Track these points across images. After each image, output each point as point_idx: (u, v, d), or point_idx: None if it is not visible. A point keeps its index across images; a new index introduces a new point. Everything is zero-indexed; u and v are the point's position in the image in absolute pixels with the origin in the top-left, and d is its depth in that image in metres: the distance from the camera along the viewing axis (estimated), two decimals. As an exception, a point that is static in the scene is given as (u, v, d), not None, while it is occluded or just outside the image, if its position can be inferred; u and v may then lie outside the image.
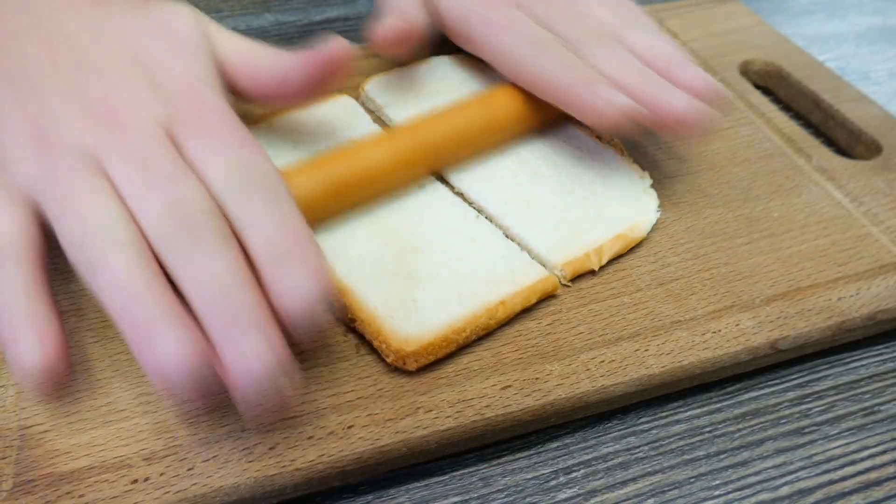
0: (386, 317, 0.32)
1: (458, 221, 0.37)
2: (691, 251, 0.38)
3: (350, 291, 0.33)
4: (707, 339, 0.34)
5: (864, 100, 0.49)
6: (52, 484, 0.28)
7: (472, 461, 0.32)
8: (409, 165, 0.38)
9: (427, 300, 0.33)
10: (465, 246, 0.36)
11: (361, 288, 0.34)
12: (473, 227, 0.37)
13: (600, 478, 0.31)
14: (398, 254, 0.35)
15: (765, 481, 0.32)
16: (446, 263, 0.35)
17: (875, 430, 0.34)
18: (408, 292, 0.34)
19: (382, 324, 0.32)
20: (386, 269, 0.35)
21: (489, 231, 0.37)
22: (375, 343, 0.32)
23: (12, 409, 0.30)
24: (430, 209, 0.38)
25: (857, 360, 0.37)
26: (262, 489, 0.28)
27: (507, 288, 0.34)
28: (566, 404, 0.31)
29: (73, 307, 0.34)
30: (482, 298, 0.33)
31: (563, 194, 0.39)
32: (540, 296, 0.35)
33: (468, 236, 0.37)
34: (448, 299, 0.33)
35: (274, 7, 0.62)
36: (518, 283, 0.34)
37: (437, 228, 0.37)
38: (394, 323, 0.32)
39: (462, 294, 0.34)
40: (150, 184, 0.28)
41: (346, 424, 0.30)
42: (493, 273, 0.35)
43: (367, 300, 0.33)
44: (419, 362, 0.32)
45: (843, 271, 0.37)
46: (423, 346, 0.31)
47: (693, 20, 0.57)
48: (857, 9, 0.67)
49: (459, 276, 0.34)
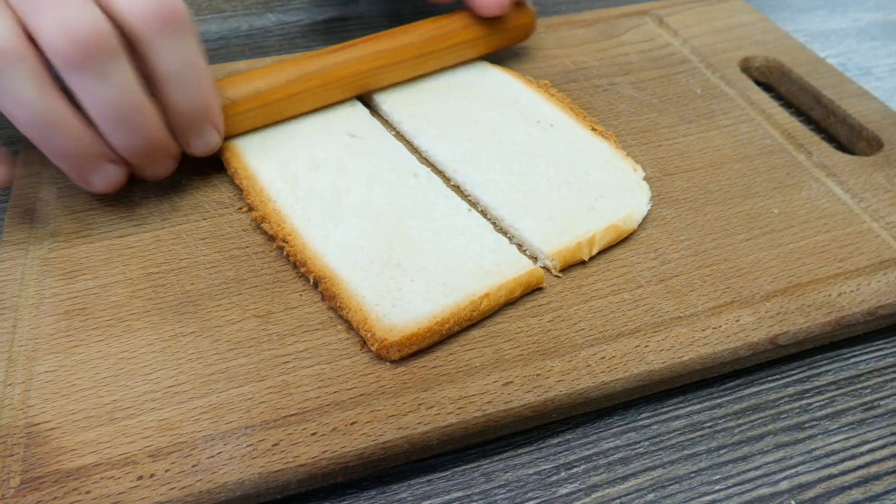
0: (372, 305, 0.33)
1: (451, 214, 0.38)
2: (691, 247, 0.38)
3: (339, 280, 0.34)
4: (707, 334, 0.34)
5: (865, 95, 0.49)
6: (58, 481, 0.28)
7: (473, 457, 0.32)
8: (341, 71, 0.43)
9: (414, 291, 0.34)
10: (455, 238, 0.37)
11: (351, 276, 0.34)
12: (465, 219, 0.38)
13: (601, 473, 0.32)
14: (389, 244, 0.36)
15: (765, 476, 0.32)
16: (436, 255, 0.36)
17: (875, 424, 0.34)
18: (395, 282, 0.34)
19: (369, 313, 0.33)
20: (376, 259, 0.35)
21: (480, 224, 0.38)
22: (361, 332, 0.33)
23: (19, 406, 0.30)
24: (424, 201, 0.39)
25: (856, 356, 0.37)
26: (266, 485, 0.29)
27: (492, 280, 0.34)
28: (567, 400, 0.32)
29: (78, 306, 0.34)
30: (467, 290, 0.34)
31: (558, 185, 0.40)
32: (524, 289, 0.35)
33: (459, 229, 0.37)
34: (434, 291, 0.34)
35: (276, 7, 0.62)
36: (504, 275, 0.35)
37: (429, 220, 0.37)
38: (380, 312, 0.33)
39: (448, 286, 0.34)
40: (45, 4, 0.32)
41: (349, 420, 0.30)
42: (480, 265, 0.35)
43: (356, 289, 0.34)
44: (402, 352, 0.32)
45: (843, 267, 0.38)
46: (407, 336, 0.32)
47: (694, 16, 0.57)
48: (858, 4, 0.67)
49: (447, 268, 0.35)
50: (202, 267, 0.36)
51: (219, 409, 0.30)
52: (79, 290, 0.35)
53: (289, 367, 0.32)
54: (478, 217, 0.38)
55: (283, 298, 0.35)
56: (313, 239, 0.36)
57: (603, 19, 0.57)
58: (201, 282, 0.36)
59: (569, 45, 0.54)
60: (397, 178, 0.40)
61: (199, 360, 0.32)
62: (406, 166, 0.41)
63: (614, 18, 0.57)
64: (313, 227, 0.37)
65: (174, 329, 0.34)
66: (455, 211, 0.38)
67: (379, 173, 0.40)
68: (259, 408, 0.31)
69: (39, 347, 0.33)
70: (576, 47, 0.53)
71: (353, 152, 0.41)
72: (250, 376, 0.32)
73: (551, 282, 0.36)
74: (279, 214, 0.37)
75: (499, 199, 0.39)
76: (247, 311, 0.34)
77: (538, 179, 0.40)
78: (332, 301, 0.34)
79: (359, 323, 0.33)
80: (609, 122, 0.47)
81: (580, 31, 0.55)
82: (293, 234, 0.36)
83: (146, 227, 0.38)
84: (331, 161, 0.41)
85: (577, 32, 0.55)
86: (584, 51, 0.53)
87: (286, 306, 0.35)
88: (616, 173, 0.41)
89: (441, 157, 0.42)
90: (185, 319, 0.34)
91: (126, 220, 0.39)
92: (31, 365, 0.32)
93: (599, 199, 0.39)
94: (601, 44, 0.54)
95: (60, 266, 0.36)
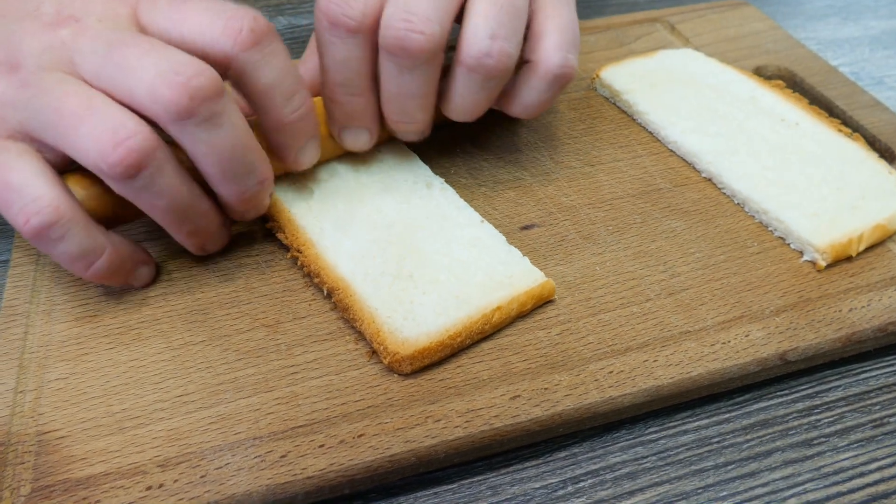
0: (385, 318, 0.33)
1: (463, 225, 0.38)
2: (701, 260, 0.38)
3: (351, 291, 0.34)
4: (716, 349, 0.34)
5: (877, 106, 0.49)
6: (68, 490, 0.28)
7: (480, 469, 0.32)
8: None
9: (425, 303, 0.34)
10: (466, 250, 0.36)
11: (363, 288, 0.34)
12: (477, 230, 0.38)
13: (608, 487, 0.32)
14: (401, 255, 0.36)
15: (773, 493, 0.32)
16: (447, 267, 0.36)
17: (884, 441, 0.34)
18: (407, 294, 0.34)
19: (381, 326, 0.33)
20: (387, 271, 0.35)
21: (492, 235, 0.37)
22: (374, 344, 0.33)
23: (30, 413, 0.31)
24: (436, 212, 0.38)
25: (866, 371, 0.36)
26: (274, 496, 0.29)
27: (503, 293, 0.34)
28: (574, 415, 0.32)
29: (89, 313, 0.35)
30: (479, 303, 0.34)
31: (817, 183, 0.41)
32: (536, 301, 0.35)
33: (470, 240, 0.37)
34: (446, 304, 0.34)
35: (287, 10, 0.62)
36: (516, 287, 0.35)
37: (441, 231, 0.37)
38: (392, 325, 0.33)
39: (460, 299, 0.34)
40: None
41: (357, 433, 0.30)
42: (492, 278, 0.35)
43: (368, 301, 0.34)
44: (414, 366, 0.32)
45: (854, 282, 0.37)
46: (420, 350, 0.32)
47: (706, 24, 0.57)
48: (872, 13, 0.66)
49: (459, 281, 0.35)
50: (212, 275, 0.37)
51: (227, 419, 0.31)
52: (89, 297, 0.35)
53: (297, 377, 0.32)
54: (490, 229, 0.38)
55: (292, 308, 0.35)
56: (326, 249, 0.36)
57: (614, 26, 0.56)
58: (211, 290, 0.36)
59: (581, 51, 0.53)
60: (410, 189, 0.40)
61: (209, 370, 0.32)
62: (420, 177, 0.41)
63: (626, 25, 0.57)
64: (326, 237, 0.37)
65: (184, 337, 0.34)
66: (468, 222, 0.38)
67: (393, 183, 0.40)
68: (267, 419, 0.31)
69: (51, 355, 0.33)
70: (587, 54, 0.53)
71: (368, 162, 0.41)
72: (259, 387, 0.32)
73: (561, 294, 0.36)
74: (293, 224, 0.37)
75: (762, 192, 0.40)
76: (256, 320, 0.35)
77: (795, 176, 0.42)
78: (345, 312, 0.34)
79: (371, 335, 0.33)
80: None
81: (591, 37, 0.55)
82: (307, 244, 0.36)
83: (157, 235, 0.39)
84: (345, 171, 0.40)
85: (589, 39, 0.55)
86: (595, 58, 0.53)
87: (295, 316, 0.35)
88: (872, 174, 0.42)
89: (693, 149, 0.44)
90: (195, 328, 0.34)
91: (137, 229, 0.39)
92: (42, 372, 0.32)
93: (861, 198, 0.40)
94: (613, 51, 0.54)
95: (71, 273, 0.36)
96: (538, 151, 0.44)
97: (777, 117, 0.46)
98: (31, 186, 0.30)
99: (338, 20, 0.34)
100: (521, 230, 0.40)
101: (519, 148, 0.36)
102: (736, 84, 0.49)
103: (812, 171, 0.42)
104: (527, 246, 0.39)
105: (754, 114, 0.46)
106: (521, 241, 0.39)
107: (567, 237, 0.39)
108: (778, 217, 0.39)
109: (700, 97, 0.48)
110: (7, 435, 0.30)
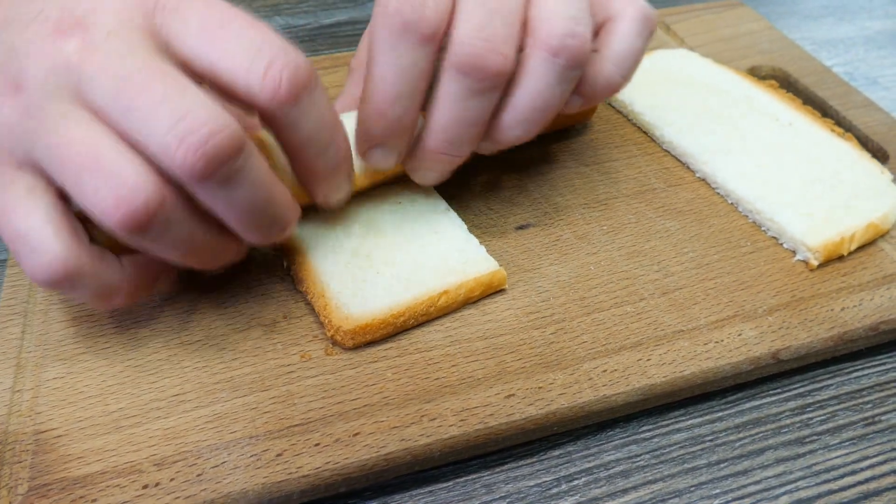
0: (335, 293, 0.34)
1: (427, 211, 0.39)
2: (695, 260, 0.39)
3: (309, 264, 0.35)
4: (709, 348, 0.34)
5: (871, 106, 0.49)
6: (65, 488, 0.28)
7: (475, 468, 0.32)
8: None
9: (377, 283, 0.35)
10: (427, 236, 0.37)
11: (321, 262, 0.35)
12: (441, 218, 0.38)
13: (602, 485, 0.32)
14: (363, 235, 0.37)
15: (765, 490, 0.32)
16: (406, 250, 0.37)
17: (876, 440, 0.34)
18: (361, 272, 0.35)
19: (330, 300, 0.34)
20: (347, 248, 0.36)
21: (455, 224, 0.38)
22: (321, 317, 0.34)
23: (28, 413, 0.31)
24: (404, 196, 0.39)
25: (858, 370, 0.37)
26: (270, 495, 0.29)
27: (453, 278, 0.35)
28: (568, 413, 0.32)
29: (86, 313, 0.35)
30: (427, 286, 0.35)
31: (810, 182, 0.41)
32: (485, 289, 0.36)
33: (433, 227, 0.38)
34: (396, 285, 0.35)
35: (284, 10, 0.63)
36: (466, 274, 0.35)
37: (405, 216, 0.38)
38: (340, 300, 0.34)
39: (410, 281, 0.35)
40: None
41: (352, 432, 0.30)
42: (446, 263, 0.36)
43: (322, 275, 0.35)
44: (356, 341, 0.33)
45: (846, 281, 0.38)
46: (361, 326, 0.33)
47: (700, 24, 0.57)
48: (866, 13, 0.67)
49: (414, 263, 0.36)
50: (208, 274, 0.37)
51: (223, 418, 0.31)
52: (86, 296, 0.36)
53: (293, 376, 0.32)
54: (454, 217, 0.39)
55: (287, 308, 0.35)
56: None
57: (610, 26, 0.57)
58: (207, 289, 0.36)
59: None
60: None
61: (205, 369, 0.33)
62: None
63: (621, 25, 0.57)
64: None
65: (180, 337, 0.34)
66: (432, 209, 0.39)
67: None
68: (263, 417, 0.31)
69: (48, 354, 0.33)
70: (582, 55, 0.53)
71: None
72: (255, 386, 0.32)
73: (555, 293, 0.37)
74: None
75: (756, 192, 0.41)
76: (252, 319, 0.35)
77: (789, 176, 0.42)
78: (299, 285, 0.35)
79: (319, 308, 0.34)
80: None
81: (587, 38, 0.55)
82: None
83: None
84: None
85: (584, 39, 0.55)
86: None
87: (291, 315, 0.35)
88: (866, 174, 0.42)
89: (688, 149, 0.44)
90: (191, 327, 0.34)
91: (133, 227, 0.39)
92: (39, 371, 0.32)
93: (854, 197, 0.40)
94: (608, 51, 0.54)
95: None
96: (533, 152, 0.45)
97: (771, 117, 0.46)
98: (39, 236, 0.28)
99: (413, 24, 0.30)
100: (517, 230, 0.40)
101: (514, 148, 0.36)
102: (730, 84, 0.49)
103: (805, 171, 0.42)
104: (522, 246, 0.39)
105: (748, 114, 0.46)
106: (517, 240, 0.39)
107: (562, 237, 0.40)
108: (771, 217, 0.40)
109: (695, 97, 0.48)
110: (4, 434, 0.30)
